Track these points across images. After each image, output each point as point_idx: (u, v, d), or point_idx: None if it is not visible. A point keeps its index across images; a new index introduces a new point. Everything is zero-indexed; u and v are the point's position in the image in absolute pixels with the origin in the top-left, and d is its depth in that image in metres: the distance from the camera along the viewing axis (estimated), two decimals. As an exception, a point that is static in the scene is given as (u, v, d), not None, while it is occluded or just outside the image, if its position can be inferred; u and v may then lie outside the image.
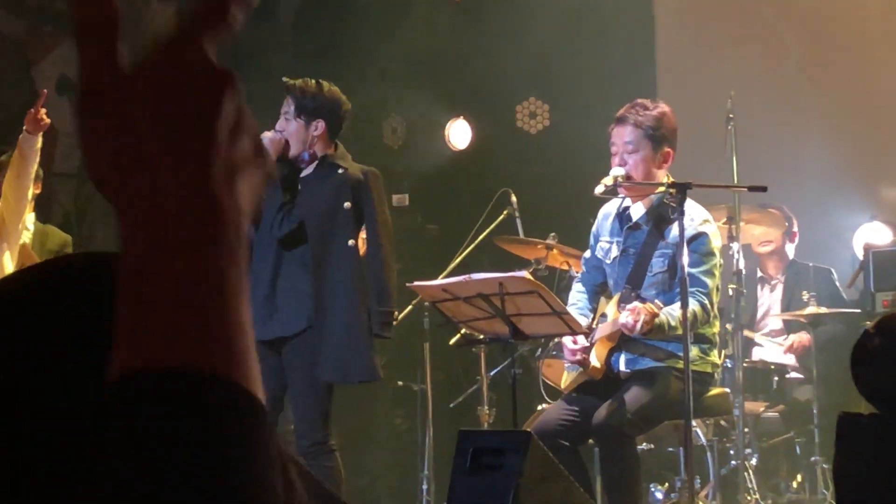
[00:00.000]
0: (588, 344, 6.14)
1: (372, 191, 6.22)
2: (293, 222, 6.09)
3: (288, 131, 6.27)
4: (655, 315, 5.72)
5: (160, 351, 0.75)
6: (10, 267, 7.08)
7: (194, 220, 0.78)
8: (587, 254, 6.51)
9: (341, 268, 6.06)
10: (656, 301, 5.83)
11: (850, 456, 2.57)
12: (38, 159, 6.92)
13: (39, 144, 6.88)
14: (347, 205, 6.13)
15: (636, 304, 5.79)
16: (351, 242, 6.09)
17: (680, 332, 5.65)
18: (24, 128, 6.82)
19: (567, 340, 6.17)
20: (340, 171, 6.21)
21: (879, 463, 2.52)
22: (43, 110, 6.65)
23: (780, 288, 8.31)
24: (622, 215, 6.27)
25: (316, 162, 6.26)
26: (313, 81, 6.44)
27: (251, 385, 0.77)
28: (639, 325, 5.65)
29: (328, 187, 6.17)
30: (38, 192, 7.88)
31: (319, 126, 6.28)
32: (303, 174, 6.26)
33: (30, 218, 7.82)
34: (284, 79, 6.53)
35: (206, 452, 0.73)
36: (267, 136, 6.17)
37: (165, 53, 0.83)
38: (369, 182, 6.23)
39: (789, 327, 8.16)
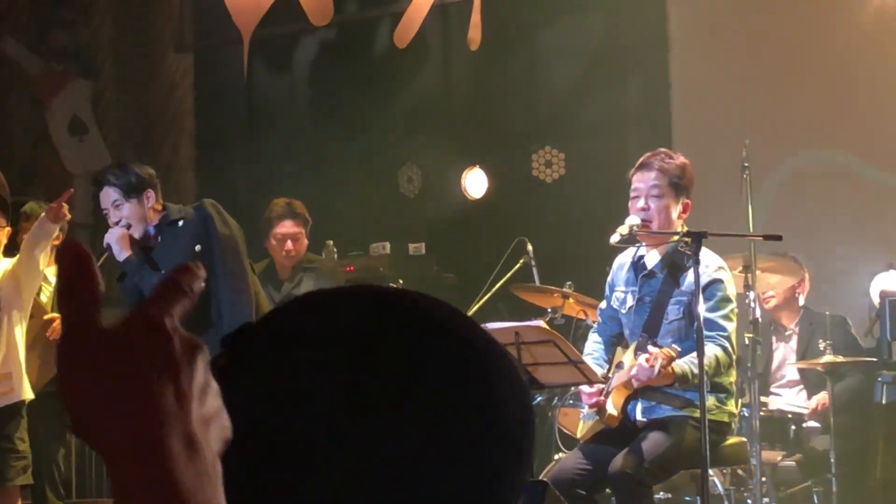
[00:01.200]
0: (605, 390, 6.13)
1: (210, 223, 6.28)
2: None
3: (126, 217, 6.27)
4: (672, 358, 5.70)
5: None
6: (19, 336, 7.05)
7: (183, 465, 0.88)
8: (602, 304, 6.51)
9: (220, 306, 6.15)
10: (673, 346, 5.81)
11: None
12: (50, 244, 6.97)
13: (55, 234, 6.94)
14: (198, 248, 6.20)
15: (652, 348, 5.78)
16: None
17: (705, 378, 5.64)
18: (44, 214, 6.87)
19: (584, 386, 6.16)
20: (181, 223, 6.27)
21: None
22: (66, 206, 6.73)
23: (794, 338, 8.29)
24: (637, 264, 6.27)
25: (153, 227, 6.32)
26: (116, 165, 6.53)
27: None
28: (656, 369, 5.63)
29: (181, 244, 6.21)
30: (57, 243, 7.86)
31: (150, 196, 6.33)
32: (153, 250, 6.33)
33: (50, 271, 7.78)
34: (96, 175, 6.64)
35: None
36: (114, 235, 6.22)
37: (142, 320, 0.92)
38: (207, 210, 6.31)
39: (805, 377, 8.14)
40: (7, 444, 6.99)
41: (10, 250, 7.23)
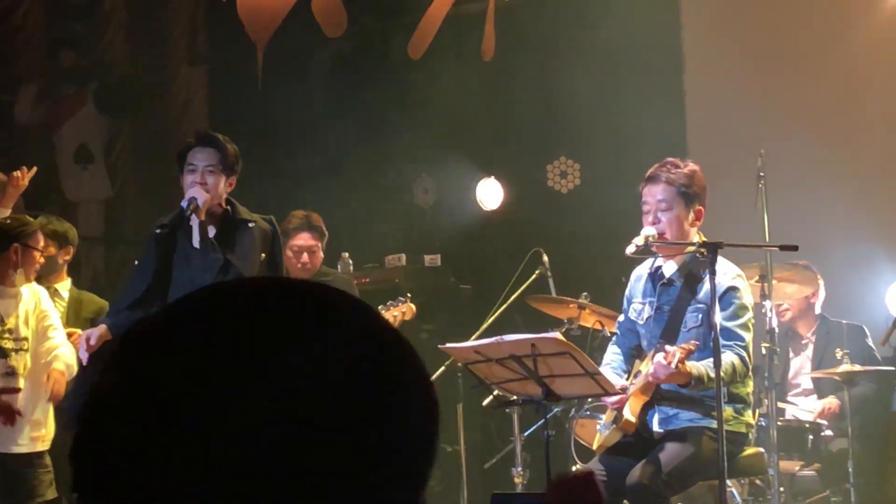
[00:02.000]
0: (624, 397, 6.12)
1: (278, 239, 6.36)
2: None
3: (212, 186, 6.23)
4: (691, 351, 5.70)
5: None
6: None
7: None
8: (621, 317, 6.51)
9: None
10: (692, 341, 5.80)
11: None
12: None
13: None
14: (263, 255, 6.23)
15: (669, 347, 5.78)
16: None
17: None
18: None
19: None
20: (251, 224, 6.27)
21: None
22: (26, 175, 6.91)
23: (810, 347, 8.26)
24: (654, 275, 6.27)
25: (220, 215, 6.28)
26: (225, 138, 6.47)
27: None
28: (674, 364, 5.62)
29: (248, 244, 6.21)
30: (68, 258, 7.85)
31: (233, 183, 6.34)
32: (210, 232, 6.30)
33: (64, 285, 7.79)
34: (207, 132, 6.54)
35: None
36: (201, 194, 6.14)
37: None
38: (276, 226, 6.38)
39: (819, 386, 8.11)
40: (37, 458, 7.01)
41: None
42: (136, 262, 6.56)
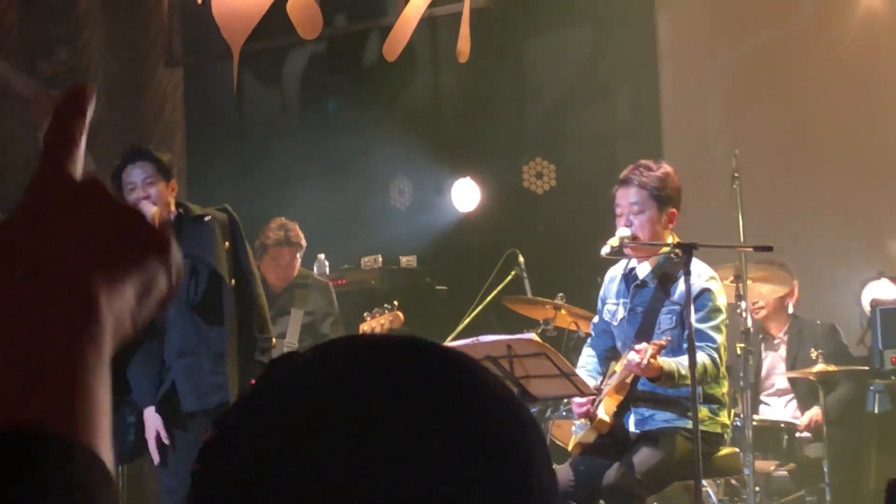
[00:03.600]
0: (597, 400, 6.14)
1: (237, 227, 6.30)
2: (203, 282, 6.15)
3: (154, 197, 6.11)
4: (662, 347, 5.72)
5: (12, 412, 0.83)
6: None
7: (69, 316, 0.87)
8: (595, 318, 6.53)
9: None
10: (664, 336, 5.83)
11: None
12: None
13: None
14: (227, 245, 6.19)
15: (643, 343, 5.81)
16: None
17: (689, 382, 5.65)
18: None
19: (576, 398, 6.18)
20: (207, 218, 6.20)
21: None
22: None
23: (783, 346, 8.29)
24: (628, 276, 6.29)
25: (174, 217, 6.20)
26: (142, 146, 6.38)
27: (97, 445, 0.85)
28: (645, 360, 5.65)
29: (208, 239, 6.15)
30: None
31: (174, 186, 6.26)
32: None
33: None
34: (134, 147, 6.35)
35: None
36: (149, 210, 6.01)
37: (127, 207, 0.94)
38: (234, 214, 6.32)
39: (795, 386, 8.14)
40: None
41: None
42: None
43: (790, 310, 8.29)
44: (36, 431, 0.82)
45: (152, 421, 6.08)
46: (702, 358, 5.81)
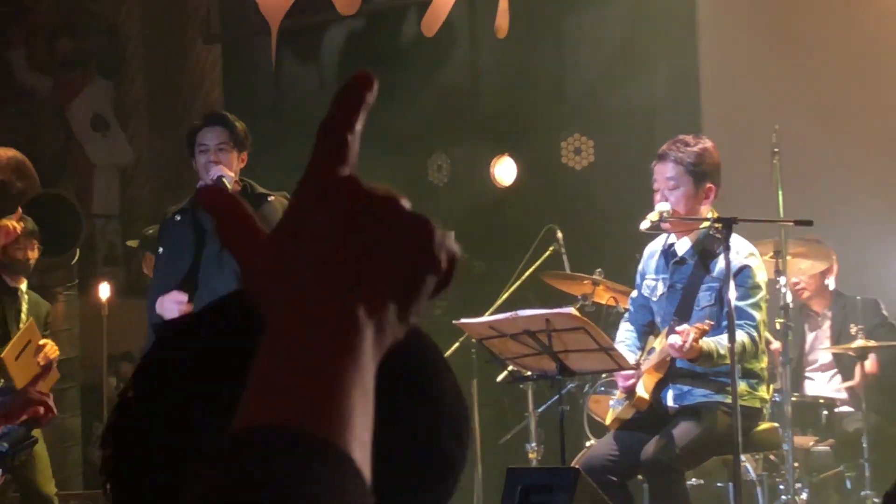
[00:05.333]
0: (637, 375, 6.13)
1: None
2: None
3: (225, 164, 6.16)
4: (705, 331, 5.71)
5: (281, 412, 0.85)
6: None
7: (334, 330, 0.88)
8: (634, 293, 6.51)
9: None
10: (706, 320, 5.81)
11: None
12: None
13: None
14: None
15: (685, 325, 5.79)
16: None
17: (728, 361, 5.63)
18: None
19: (622, 372, 6.18)
20: (270, 199, 6.23)
21: None
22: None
23: (827, 322, 8.25)
24: (667, 252, 6.28)
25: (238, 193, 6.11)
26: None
27: (356, 453, 0.86)
28: (688, 343, 5.63)
29: (270, 216, 6.04)
30: (35, 255, 7.41)
31: (244, 157, 6.28)
32: None
33: (24, 285, 7.42)
34: (214, 112, 6.40)
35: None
36: (230, 177, 6.07)
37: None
38: None
39: (840, 361, 8.10)
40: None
41: None
42: (161, 250, 6.39)
43: (832, 286, 8.25)
44: (294, 431, 0.84)
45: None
46: (741, 336, 5.80)
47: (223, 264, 6.13)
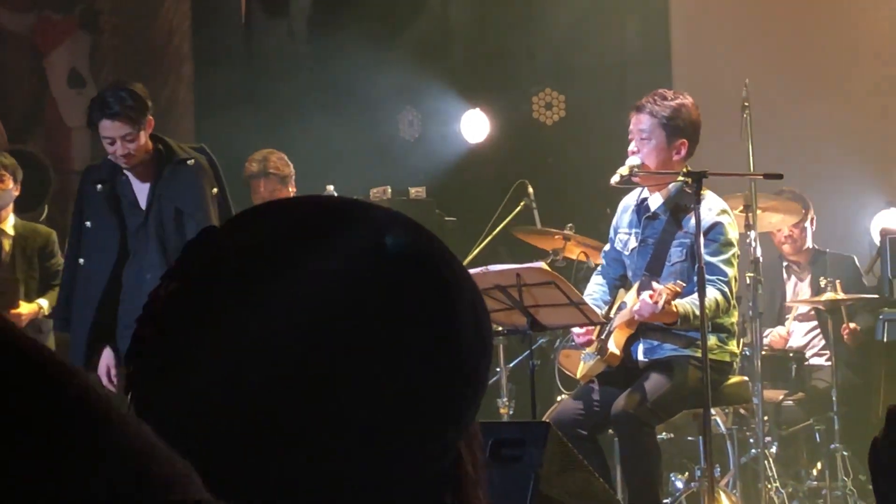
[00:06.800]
0: (607, 330, 6.14)
1: (217, 168, 6.21)
2: (191, 234, 6.07)
3: (136, 150, 6.04)
4: (677, 293, 5.72)
5: None
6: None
7: None
8: (607, 247, 6.52)
9: None
10: (678, 281, 5.82)
11: None
12: None
13: None
14: (215, 190, 6.14)
15: (656, 285, 5.80)
16: None
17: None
18: None
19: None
20: (190, 162, 6.12)
21: None
22: None
23: (808, 276, 8.23)
24: (640, 206, 6.28)
25: (152, 158, 6.11)
26: (116, 86, 6.22)
27: None
28: (660, 305, 5.64)
29: (193, 185, 6.08)
30: (17, 193, 7.64)
31: (150, 122, 6.10)
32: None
33: (8, 221, 7.55)
34: (105, 102, 6.07)
35: None
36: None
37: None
38: (212, 159, 6.23)
39: (818, 315, 8.10)
40: None
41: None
42: (88, 224, 6.21)
43: (809, 241, 8.21)
44: None
45: (106, 358, 6.09)
46: (713, 293, 5.81)
47: (149, 235, 6.09)
